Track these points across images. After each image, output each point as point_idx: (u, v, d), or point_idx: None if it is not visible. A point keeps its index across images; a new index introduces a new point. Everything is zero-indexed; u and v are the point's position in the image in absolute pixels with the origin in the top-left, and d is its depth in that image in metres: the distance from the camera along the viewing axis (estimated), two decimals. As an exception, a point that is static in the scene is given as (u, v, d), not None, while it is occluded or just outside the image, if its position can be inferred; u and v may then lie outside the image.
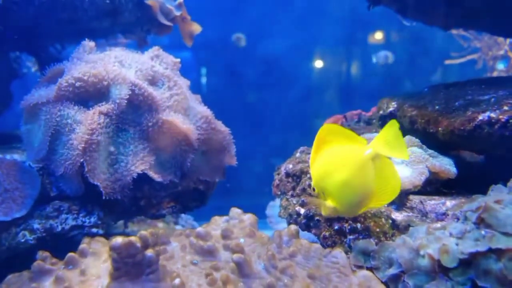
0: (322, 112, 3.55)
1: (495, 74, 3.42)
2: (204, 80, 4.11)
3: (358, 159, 0.85)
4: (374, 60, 3.74)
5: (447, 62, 3.53)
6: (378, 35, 4.15)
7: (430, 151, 1.18)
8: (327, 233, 1.15)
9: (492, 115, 1.05)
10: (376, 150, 0.84)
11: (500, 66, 3.40)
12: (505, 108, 1.05)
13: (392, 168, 0.85)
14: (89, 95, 1.25)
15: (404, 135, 1.23)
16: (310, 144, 1.58)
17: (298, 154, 1.47)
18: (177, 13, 1.78)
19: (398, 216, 1.07)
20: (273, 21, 4.11)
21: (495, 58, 3.42)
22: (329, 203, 0.93)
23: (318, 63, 4.24)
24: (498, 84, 1.30)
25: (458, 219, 0.98)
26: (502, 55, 3.41)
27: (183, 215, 2.40)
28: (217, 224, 1.17)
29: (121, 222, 1.62)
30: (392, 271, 0.96)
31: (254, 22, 4.06)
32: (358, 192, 0.88)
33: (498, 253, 0.84)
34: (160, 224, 2.14)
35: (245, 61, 4.03)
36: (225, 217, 1.18)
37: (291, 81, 4.07)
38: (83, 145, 1.15)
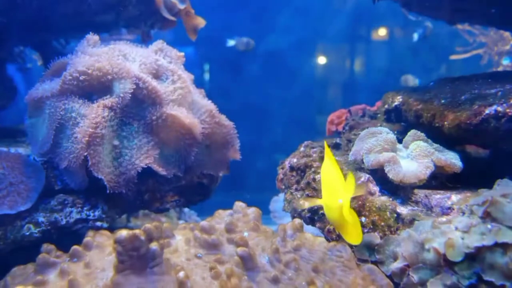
0: (325, 107, 3.54)
1: (500, 69, 3.39)
2: (207, 75, 4.11)
3: (335, 202, 0.97)
4: (415, 36, 3.66)
5: (452, 57, 3.50)
6: (382, 31, 4.13)
7: (436, 145, 1.17)
8: (331, 227, 1.15)
9: (499, 109, 1.04)
10: (344, 204, 0.95)
11: (506, 61, 3.38)
12: (512, 101, 1.04)
13: (355, 222, 0.96)
14: (93, 88, 1.25)
15: (409, 129, 1.23)
16: (313, 139, 1.58)
17: (302, 148, 1.46)
18: (181, 7, 1.78)
19: (403, 210, 1.06)
20: (277, 16, 4.10)
21: (501, 53, 3.39)
22: None
23: (322, 59, 4.22)
24: (505, 78, 1.29)
25: (463, 213, 0.97)
26: (508, 50, 3.38)
27: (186, 210, 2.40)
28: (221, 217, 1.16)
29: (125, 216, 1.62)
30: (397, 264, 0.95)
31: (257, 17, 4.04)
32: (331, 220, 1.01)
33: (504, 247, 0.83)
34: (163, 219, 2.14)
35: (249, 56, 4.02)
36: (229, 211, 1.18)
37: (294, 76, 4.06)
38: (87, 139, 1.15)
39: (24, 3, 1.41)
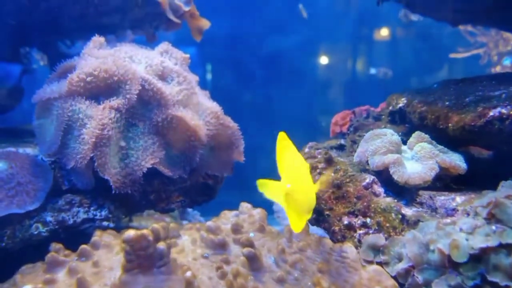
0: (329, 108, 3.54)
1: (498, 69, 3.39)
2: (210, 76, 4.12)
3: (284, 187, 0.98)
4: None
5: (452, 55, 3.50)
6: (384, 32, 4.13)
7: (440, 147, 1.18)
8: (336, 228, 1.15)
9: (503, 110, 1.05)
10: (289, 190, 0.95)
11: (506, 62, 3.37)
12: (516, 104, 1.05)
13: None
14: (100, 90, 1.26)
15: (413, 131, 1.24)
16: (317, 140, 1.59)
17: (307, 150, 1.47)
18: (186, 9, 1.79)
19: (408, 211, 1.07)
20: (280, 17, 4.11)
21: (501, 54, 3.39)
22: None
23: (325, 60, 4.23)
24: (509, 80, 1.29)
25: (468, 214, 0.98)
26: (509, 51, 3.37)
27: (190, 210, 2.41)
28: (227, 218, 1.17)
29: (130, 216, 1.63)
30: (402, 265, 0.96)
31: (260, 18, 4.05)
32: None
33: (508, 248, 0.84)
34: (167, 219, 2.15)
35: (252, 57, 4.03)
36: (234, 212, 1.19)
37: (298, 78, 4.07)
38: (94, 140, 1.16)
39: (31, 6, 1.42)
